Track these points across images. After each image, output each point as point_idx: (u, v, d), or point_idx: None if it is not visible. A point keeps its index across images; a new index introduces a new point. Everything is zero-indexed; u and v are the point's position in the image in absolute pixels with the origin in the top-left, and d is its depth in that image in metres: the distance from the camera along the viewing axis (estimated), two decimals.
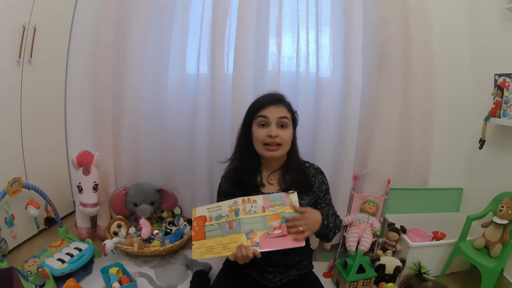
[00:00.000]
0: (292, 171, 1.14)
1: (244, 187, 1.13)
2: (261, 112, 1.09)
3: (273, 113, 1.09)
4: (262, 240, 1.00)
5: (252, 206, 1.06)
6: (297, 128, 1.20)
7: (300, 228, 0.99)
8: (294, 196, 1.06)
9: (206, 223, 1.08)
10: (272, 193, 1.10)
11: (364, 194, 1.78)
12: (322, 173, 1.20)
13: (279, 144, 1.09)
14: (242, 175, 1.14)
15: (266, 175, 1.17)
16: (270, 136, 1.07)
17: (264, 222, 1.03)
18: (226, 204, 1.08)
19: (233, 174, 1.17)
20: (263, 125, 1.10)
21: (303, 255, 1.19)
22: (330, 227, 1.08)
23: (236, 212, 1.05)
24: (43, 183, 1.63)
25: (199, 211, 1.11)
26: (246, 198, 1.07)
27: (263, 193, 1.11)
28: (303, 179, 1.14)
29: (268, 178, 1.17)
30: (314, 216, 1.04)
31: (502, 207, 1.38)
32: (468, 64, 1.70)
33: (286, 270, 1.17)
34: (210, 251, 1.04)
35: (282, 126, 1.10)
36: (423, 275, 0.96)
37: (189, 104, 1.73)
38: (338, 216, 1.20)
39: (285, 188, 1.11)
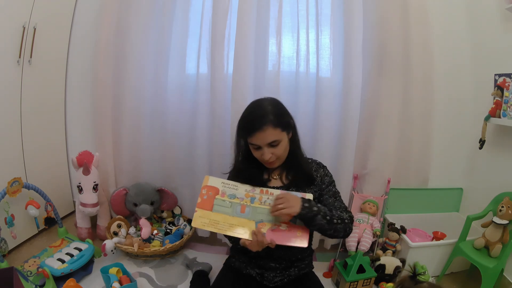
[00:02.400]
0: (293, 167, 1.18)
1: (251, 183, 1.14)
2: (250, 140, 1.09)
3: (261, 139, 1.06)
4: (269, 232, 1.03)
5: (268, 198, 1.09)
6: (297, 128, 1.18)
7: (280, 206, 1.01)
8: (309, 197, 1.08)
9: (217, 196, 1.08)
10: (293, 190, 1.12)
11: (364, 194, 1.78)
12: (324, 167, 1.23)
13: (276, 158, 1.11)
14: (246, 177, 1.15)
15: (270, 171, 1.21)
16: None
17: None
18: (244, 187, 1.11)
19: (237, 179, 1.16)
20: (256, 147, 1.10)
21: (305, 253, 1.20)
22: (315, 211, 1.03)
23: (252, 200, 1.09)
24: (43, 183, 1.63)
25: (212, 181, 1.11)
26: (264, 189, 1.11)
27: (270, 188, 1.14)
28: (304, 173, 1.17)
29: (272, 174, 1.21)
30: (293, 197, 1.05)
31: (502, 207, 1.38)
32: (468, 64, 1.70)
33: (287, 268, 1.18)
34: (214, 225, 1.03)
35: (273, 146, 1.08)
36: (418, 277, 0.95)
37: (189, 104, 1.73)
38: (349, 212, 1.14)
39: (287, 184, 1.16)
